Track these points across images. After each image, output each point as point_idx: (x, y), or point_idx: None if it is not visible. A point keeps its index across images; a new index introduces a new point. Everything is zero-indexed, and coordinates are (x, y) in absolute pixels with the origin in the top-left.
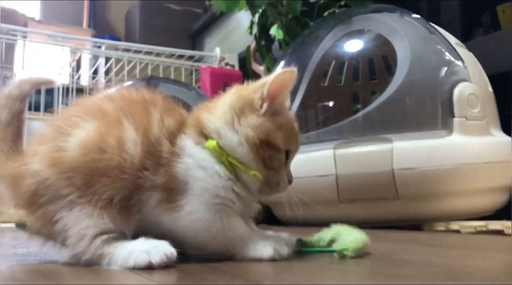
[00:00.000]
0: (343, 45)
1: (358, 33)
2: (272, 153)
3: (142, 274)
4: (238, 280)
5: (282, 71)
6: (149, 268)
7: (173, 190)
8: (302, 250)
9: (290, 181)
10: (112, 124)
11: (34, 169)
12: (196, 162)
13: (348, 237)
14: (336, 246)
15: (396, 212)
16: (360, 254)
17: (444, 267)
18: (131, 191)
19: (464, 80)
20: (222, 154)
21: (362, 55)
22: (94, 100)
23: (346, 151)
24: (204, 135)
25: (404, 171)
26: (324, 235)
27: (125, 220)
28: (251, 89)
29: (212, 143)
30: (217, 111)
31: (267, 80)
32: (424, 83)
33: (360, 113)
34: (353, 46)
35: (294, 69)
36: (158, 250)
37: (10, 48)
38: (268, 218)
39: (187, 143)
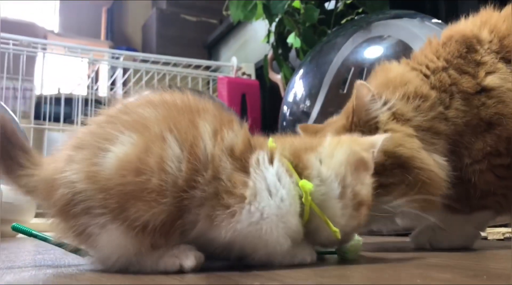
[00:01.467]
0: (363, 51)
1: (377, 39)
2: (365, 213)
3: (173, 276)
4: (273, 282)
5: (386, 138)
6: (180, 272)
7: (233, 193)
8: None
9: None
10: (153, 140)
11: (70, 179)
12: (280, 183)
13: None
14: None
15: None
16: (358, 255)
17: (478, 270)
18: (174, 215)
19: None
20: (308, 199)
21: (382, 61)
22: (135, 106)
23: None
24: (298, 171)
25: None
26: None
27: (161, 246)
28: (360, 146)
29: (308, 185)
30: (329, 160)
31: (374, 142)
32: None
33: None
34: (373, 52)
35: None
36: (188, 254)
37: (30, 61)
38: None
39: (274, 169)
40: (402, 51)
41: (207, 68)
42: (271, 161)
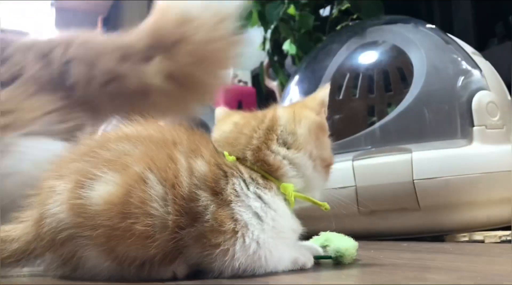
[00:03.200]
0: (358, 57)
1: (372, 44)
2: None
3: (167, 283)
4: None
5: (327, 87)
6: (174, 279)
7: (221, 231)
8: None
9: None
10: (135, 180)
11: (54, 211)
12: (265, 204)
13: (340, 243)
14: (330, 253)
15: (417, 223)
16: (353, 260)
17: (473, 272)
18: (172, 253)
19: (482, 88)
20: (292, 197)
21: (377, 67)
22: (113, 141)
23: (365, 162)
24: (271, 176)
25: (425, 181)
26: (314, 242)
27: (157, 271)
28: (313, 110)
29: (289, 187)
30: (294, 140)
31: (322, 99)
32: (441, 92)
33: (378, 124)
34: (368, 58)
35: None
36: (180, 260)
37: None
38: None
39: (250, 189)
40: (397, 56)
41: None
42: (246, 184)
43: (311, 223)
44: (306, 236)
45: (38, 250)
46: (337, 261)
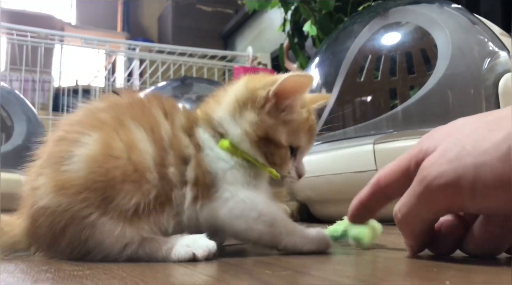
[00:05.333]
0: (380, 38)
1: (395, 25)
2: (273, 149)
3: (185, 265)
4: (285, 271)
5: (296, 74)
6: (193, 260)
7: (206, 184)
8: None
9: (299, 176)
10: (115, 129)
11: (41, 205)
12: (217, 154)
13: (360, 227)
14: (350, 236)
15: None
16: (373, 243)
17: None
18: (162, 189)
19: (509, 70)
20: (235, 151)
21: (400, 49)
22: (86, 112)
23: (387, 146)
24: (215, 129)
25: None
26: (337, 226)
27: (157, 221)
28: (261, 84)
29: (224, 143)
30: (224, 101)
31: (278, 79)
32: (466, 75)
33: (400, 107)
34: (390, 39)
35: (310, 75)
36: (200, 243)
37: (48, 53)
38: (305, 215)
39: (205, 136)
40: (420, 37)
41: (223, 58)
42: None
43: (336, 206)
44: (330, 221)
45: (39, 250)
46: (357, 245)
